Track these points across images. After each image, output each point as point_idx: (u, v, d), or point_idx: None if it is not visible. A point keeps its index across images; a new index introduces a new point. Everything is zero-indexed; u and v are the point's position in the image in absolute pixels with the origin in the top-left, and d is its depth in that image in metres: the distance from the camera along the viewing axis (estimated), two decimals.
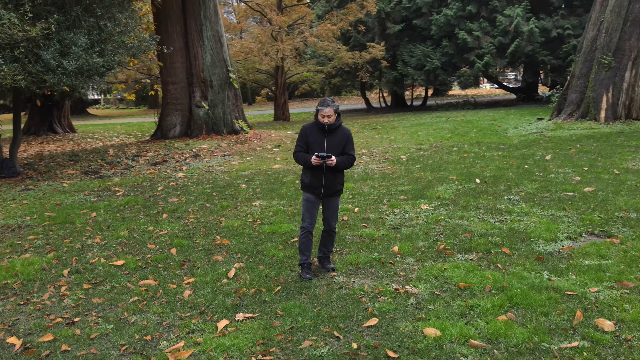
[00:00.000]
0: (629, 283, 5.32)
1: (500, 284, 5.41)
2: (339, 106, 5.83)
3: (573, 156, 12.98)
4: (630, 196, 8.82)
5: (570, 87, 18.97)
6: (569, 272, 5.72)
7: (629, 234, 6.87)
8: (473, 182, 10.48)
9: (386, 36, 31.34)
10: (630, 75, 17.88)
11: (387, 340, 4.41)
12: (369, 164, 13.60)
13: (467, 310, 4.87)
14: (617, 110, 17.91)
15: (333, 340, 4.45)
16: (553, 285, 5.36)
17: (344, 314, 4.92)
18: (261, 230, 7.82)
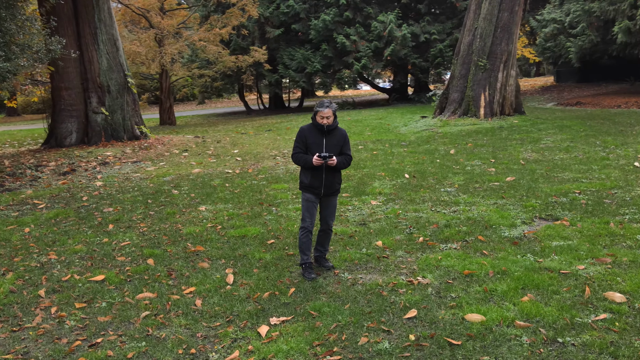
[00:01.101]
0: (606, 259, 5.84)
1: (499, 269, 5.71)
2: (337, 107, 5.82)
3: (473, 150, 13.85)
4: (549, 183, 9.61)
5: (451, 87, 20.19)
6: (550, 253, 6.15)
7: (573, 216, 7.51)
8: (402, 178, 10.85)
9: (266, 40, 31.37)
10: (502, 76, 19.39)
11: (437, 329, 4.51)
12: (287, 164, 13.59)
13: (489, 295, 5.09)
14: (493, 107, 19.35)
15: (386, 334, 4.47)
16: (544, 266, 5.74)
17: (377, 309, 4.94)
18: (229, 235, 7.59)
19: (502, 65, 19.26)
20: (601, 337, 4.17)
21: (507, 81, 19.51)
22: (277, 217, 8.41)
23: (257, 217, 8.48)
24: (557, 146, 13.57)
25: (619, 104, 23.58)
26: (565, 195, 8.62)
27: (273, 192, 10.19)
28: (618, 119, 18.20)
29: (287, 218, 8.32)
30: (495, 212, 7.93)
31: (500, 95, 19.48)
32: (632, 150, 12.32)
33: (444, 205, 8.52)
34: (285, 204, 9.19)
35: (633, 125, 16.70)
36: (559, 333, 4.29)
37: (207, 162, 14.61)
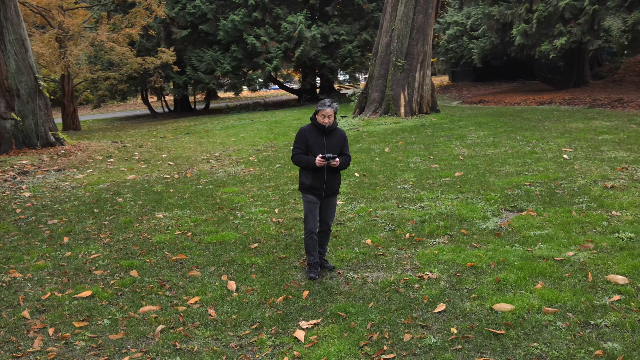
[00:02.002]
0: (588, 245, 6.27)
1: (497, 260, 5.97)
2: (338, 107, 5.83)
3: (406, 147, 14.30)
4: (496, 177, 10.12)
5: (371, 87, 20.68)
6: (534, 243, 6.50)
7: (536, 207, 7.98)
8: (352, 176, 11.00)
9: (172, 41, 30.54)
10: (420, 76, 20.13)
11: (471, 320, 4.65)
12: (225, 167, 13.37)
13: (502, 285, 5.31)
14: (412, 106, 20.04)
15: (425, 330, 4.55)
16: (536, 255, 6.07)
17: (403, 305, 5.02)
18: (205, 241, 7.38)
19: (419, 65, 19.97)
20: (626, 317, 4.48)
21: (424, 81, 20.26)
22: (247, 221, 8.27)
23: (224, 222, 8.29)
24: (483, 142, 14.27)
25: (519, 102, 25.17)
26: (518, 188, 9.11)
27: (227, 196, 9.98)
28: (525, 115, 19.42)
29: (258, 221, 8.20)
30: (462, 207, 8.23)
31: (418, 94, 20.20)
32: (553, 144, 13.21)
33: (409, 202, 8.73)
34: (247, 207, 9.04)
35: (542, 121, 17.89)
36: (587, 316, 4.56)
37: (139, 167, 14.02)
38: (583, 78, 26.76)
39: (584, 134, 14.53)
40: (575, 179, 9.54)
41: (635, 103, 20.41)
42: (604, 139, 13.54)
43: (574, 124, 16.58)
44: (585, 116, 18.15)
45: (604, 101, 21.81)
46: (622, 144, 12.58)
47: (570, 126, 16.07)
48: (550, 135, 14.72)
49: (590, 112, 19.18)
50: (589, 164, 10.62)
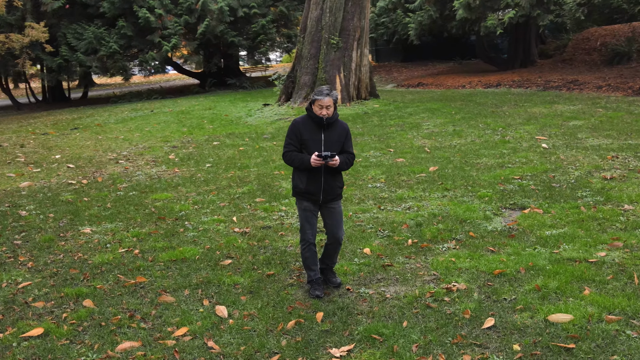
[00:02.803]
0: (617, 243, 6.67)
1: (525, 265, 6.23)
2: (337, 97, 5.83)
3: (356, 139, 14.51)
4: (477, 171, 10.52)
5: (300, 69, 20.76)
6: (556, 243, 6.83)
7: (540, 204, 8.38)
8: None
9: (41, 15, 29.22)
10: (357, 56, 20.46)
11: (531, 335, 4.84)
12: (142, 168, 13.06)
13: (545, 293, 5.56)
14: (350, 91, 20.34)
15: (484, 349, 4.69)
16: (565, 257, 6.39)
17: (443, 323, 5.13)
18: (163, 260, 7.22)
19: (356, 43, 20.29)
20: None
21: (362, 61, 20.61)
22: (202, 232, 8.15)
23: (175, 235, 8.12)
24: (443, 131, 14.75)
25: (463, 84, 26.17)
26: (508, 182, 9.51)
27: (161, 204, 9.77)
28: (478, 100, 20.25)
29: (218, 233, 8.10)
30: (454, 206, 8.49)
31: (356, 77, 20.52)
32: (524, 132, 13.87)
33: (390, 203, 8.89)
34: (195, 217, 8.89)
35: (498, 105, 18.72)
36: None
37: (30, 172, 13.39)
38: (530, 57, 28.18)
39: (551, 119, 15.33)
40: (566, 170, 10.07)
41: (592, 85, 21.76)
42: (576, 125, 14.35)
43: (535, 108, 17.45)
44: (545, 100, 19.14)
45: (557, 83, 23.08)
46: (599, 131, 13.39)
47: (532, 111, 16.90)
48: (515, 122, 15.42)
49: (548, 95, 20.25)
50: (574, 154, 11.23)
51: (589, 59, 26.70)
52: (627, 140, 12.12)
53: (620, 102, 17.90)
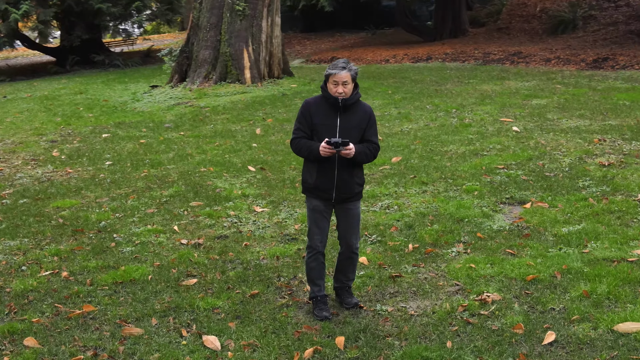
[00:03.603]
0: None
1: (558, 268, 6.49)
2: (357, 71, 5.81)
3: (283, 127, 14.58)
4: (450, 161, 10.82)
5: (198, 42, 20.52)
6: (581, 242, 7.16)
7: (541, 197, 8.74)
8: (246, 172, 11.02)
9: None
10: (267, 25, 20.48)
11: (603, 349, 5.06)
12: (21, 169, 12.60)
13: (597, 299, 5.82)
14: (260, 68, 20.33)
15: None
16: (600, 257, 6.71)
17: (494, 341, 5.28)
18: (103, 282, 7.03)
19: (266, 9, 20.32)
20: None
21: (273, 32, 20.66)
22: (142, 246, 7.99)
23: (106, 251, 7.92)
24: (387, 114, 15.05)
25: (387, 58, 26.74)
26: (493, 173, 9.84)
27: (69, 214, 9.46)
28: (414, 77, 20.80)
29: (163, 246, 7.97)
30: (443, 203, 8.72)
31: (267, 51, 20.54)
32: (483, 113, 14.38)
33: (363, 202, 8.98)
34: (122, 228, 8.69)
35: (439, 83, 19.30)
36: None
37: None
38: (460, 26, 29.13)
39: (508, 98, 15.95)
40: (553, 157, 10.51)
41: (539, 57, 22.77)
42: (540, 104, 15.01)
43: (485, 86, 18.10)
44: (491, 75, 19.89)
45: (498, 55, 24.00)
46: (569, 110, 14.06)
47: (483, 89, 17.51)
48: (468, 101, 15.94)
49: (493, 70, 21.03)
50: (554, 138, 11.75)
51: (529, 27, 27.88)
52: (607, 121, 12.76)
53: (577, 77, 18.84)
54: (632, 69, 19.60)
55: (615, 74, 18.84)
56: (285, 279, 6.84)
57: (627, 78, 18.10)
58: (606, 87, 16.82)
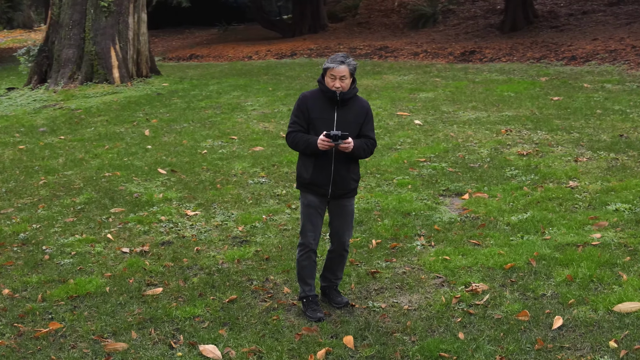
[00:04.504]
0: (602, 223, 7.55)
1: (530, 255, 6.83)
2: (356, 66, 5.87)
3: (171, 127, 14.39)
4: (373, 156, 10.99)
5: (60, 41, 19.76)
6: (535, 229, 7.56)
7: (477, 187, 9.12)
8: (157, 175, 10.81)
9: None
10: (134, 22, 20.05)
11: (612, 330, 5.38)
12: None
13: (583, 283, 6.17)
14: (129, 67, 19.85)
15: (572, 352, 5.14)
16: (564, 242, 7.10)
17: (505, 330, 5.49)
18: (58, 298, 6.76)
19: (132, 5, 19.90)
20: None
21: (140, 29, 20.26)
22: (80, 257, 7.71)
23: (41, 264, 7.58)
24: (277, 112, 15.19)
25: (249, 55, 26.80)
26: (417, 166, 10.16)
27: None
28: (286, 73, 21.07)
29: (104, 256, 7.73)
30: (382, 197, 8.93)
31: (134, 49, 20.11)
32: (375, 107, 14.58)
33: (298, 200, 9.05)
34: (48, 239, 8.33)
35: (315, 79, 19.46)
36: None
37: None
38: (320, 21, 29.56)
39: (395, 92, 16.44)
40: (468, 148, 10.96)
41: (406, 51, 23.54)
42: (428, 97, 15.58)
43: (364, 80, 18.51)
44: (365, 70, 20.36)
45: (365, 50, 24.58)
46: (460, 103, 14.68)
47: (364, 84, 17.90)
48: None
49: (366, 65, 21.58)
50: (460, 130, 12.24)
51: (389, 21, 28.69)
52: (503, 112, 13.41)
53: (451, 70, 19.64)
54: (499, 61, 20.57)
55: (487, 67, 19.75)
56: (257, 282, 6.79)
57: (500, 70, 19.00)
58: (484, 80, 17.59)
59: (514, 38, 23.03)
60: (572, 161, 9.90)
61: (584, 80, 16.71)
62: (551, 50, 20.75)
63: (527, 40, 22.43)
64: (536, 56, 20.41)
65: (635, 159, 9.86)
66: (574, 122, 12.25)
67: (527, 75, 18.02)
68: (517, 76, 17.85)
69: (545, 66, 19.30)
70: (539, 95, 15.00)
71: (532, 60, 20.17)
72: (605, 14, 23.39)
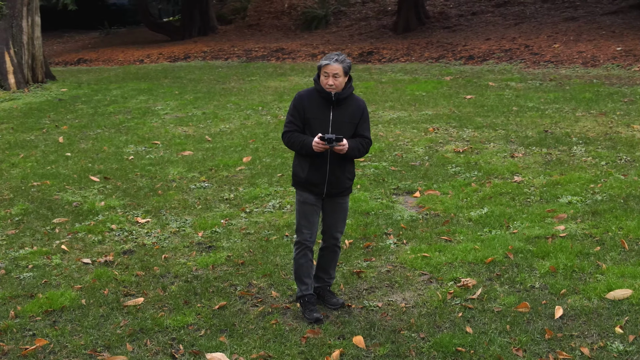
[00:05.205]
0: (561, 215, 7.87)
1: (506, 249, 7.05)
2: (350, 64, 5.90)
3: (84, 133, 14.04)
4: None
5: None
6: (498, 223, 7.80)
7: (426, 185, 9.32)
8: (92, 183, 10.53)
9: None
10: (28, 25, 19.41)
11: (610, 316, 5.64)
12: None
13: (566, 272, 6.43)
14: (24, 72, 19.19)
15: (581, 340, 5.36)
16: (532, 235, 7.35)
17: (510, 322, 5.64)
18: (31, 313, 6.51)
19: (26, 8, 19.27)
20: None
21: (34, 33, 19.66)
22: (39, 271, 7.42)
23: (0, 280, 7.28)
24: (192, 115, 15.00)
25: (140, 59, 26.37)
26: (359, 166, 10.26)
27: None
28: (188, 76, 20.86)
29: (65, 268, 7.48)
30: None
31: (29, 53, 19.49)
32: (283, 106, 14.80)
33: (249, 204, 9.04)
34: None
35: (220, 82, 19.57)
36: None
37: None
38: (209, 23, 29.36)
39: None
40: (402, 146, 11.19)
41: (302, 53, 23.72)
42: None
43: (271, 82, 18.65)
44: (267, 72, 20.52)
45: (261, 52, 24.62)
46: (376, 103, 14.99)
47: (271, 85, 18.07)
48: (267, 99, 16.37)
49: (267, 67, 21.67)
50: (387, 129, 12.50)
51: (280, 23, 28.79)
52: (422, 111, 13.75)
53: (354, 70, 19.83)
54: (398, 61, 21.03)
55: (388, 67, 20.17)
56: (241, 287, 6.71)
57: (403, 70, 19.44)
58: (390, 80, 17.95)
59: (409, 39, 23.54)
60: (509, 157, 10.23)
61: (487, 79, 17.28)
62: (448, 50, 21.33)
63: (422, 41, 22.98)
64: (434, 56, 20.93)
65: (567, 153, 10.27)
66: (495, 120, 12.64)
67: (430, 74, 18.48)
68: (421, 76, 18.27)
69: (445, 65, 19.85)
70: (451, 95, 15.40)
71: (430, 60, 20.69)
72: (494, 15, 24.23)
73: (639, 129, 11.35)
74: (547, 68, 18.36)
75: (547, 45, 20.10)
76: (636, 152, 10.09)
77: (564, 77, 16.91)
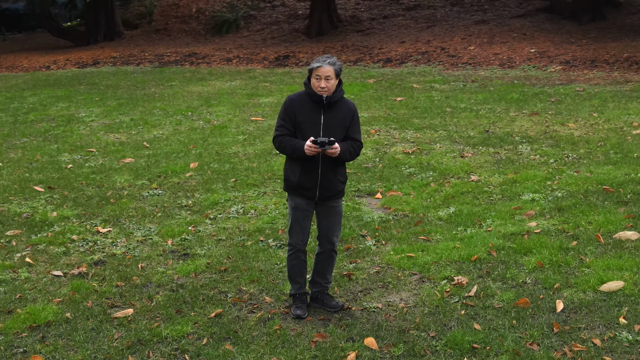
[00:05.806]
0: (530, 212, 8.09)
1: (487, 247, 7.21)
2: (342, 67, 5.94)
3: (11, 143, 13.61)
4: (260, 161, 11.04)
5: None
6: (472, 222, 7.97)
7: (386, 186, 9.42)
8: (38, 194, 10.19)
9: None
10: None
11: (608, 307, 5.84)
12: None
13: (554, 268, 6.62)
14: None
15: (589, 331, 5.54)
16: (508, 232, 7.54)
17: (515, 317, 5.78)
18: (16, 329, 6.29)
19: None
20: None
21: None
22: (9, 284, 7.16)
23: None
24: (120, 122, 14.70)
25: (46, 65, 25.63)
26: None
27: None
28: (104, 82, 20.47)
29: (36, 281, 7.23)
30: None
31: None
32: (222, 113, 14.85)
33: (211, 210, 8.95)
34: None
35: (140, 87, 19.29)
36: None
37: None
38: (115, 28, 28.80)
39: (233, 98, 16.61)
40: None
41: (217, 57, 23.60)
42: (272, 101, 15.84)
43: (192, 87, 18.53)
44: (185, 77, 20.35)
45: (173, 57, 24.39)
46: None
47: (194, 91, 17.93)
48: (194, 104, 16.23)
49: (184, 72, 21.51)
50: None
51: (188, 28, 28.49)
52: (359, 113, 13.78)
53: (275, 74, 20.03)
54: None
55: None
56: (232, 294, 6.64)
57: None
58: None
59: (323, 42, 23.70)
60: (459, 157, 10.45)
61: (410, 81, 17.60)
62: (364, 53, 21.58)
63: (337, 44, 23.17)
64: (352, 59, 21.14)
65: (514, 152, 10.57)
66: (432, 121, 12.89)
67: (352, 77, 18.67)
68: (344, 78, 18.32)
69: (364, 68, 20.11)
70: (380, 97, 15.61)
71: (348, 63, 20.88)
72: (405, 18, 24.65)
73: (574, 127, 11.74)
74: (465, 70, 18.81)
75: (462, 47, 20.59)
76: (580, 150, 10.44)
77: (484, 79, 17.37)
